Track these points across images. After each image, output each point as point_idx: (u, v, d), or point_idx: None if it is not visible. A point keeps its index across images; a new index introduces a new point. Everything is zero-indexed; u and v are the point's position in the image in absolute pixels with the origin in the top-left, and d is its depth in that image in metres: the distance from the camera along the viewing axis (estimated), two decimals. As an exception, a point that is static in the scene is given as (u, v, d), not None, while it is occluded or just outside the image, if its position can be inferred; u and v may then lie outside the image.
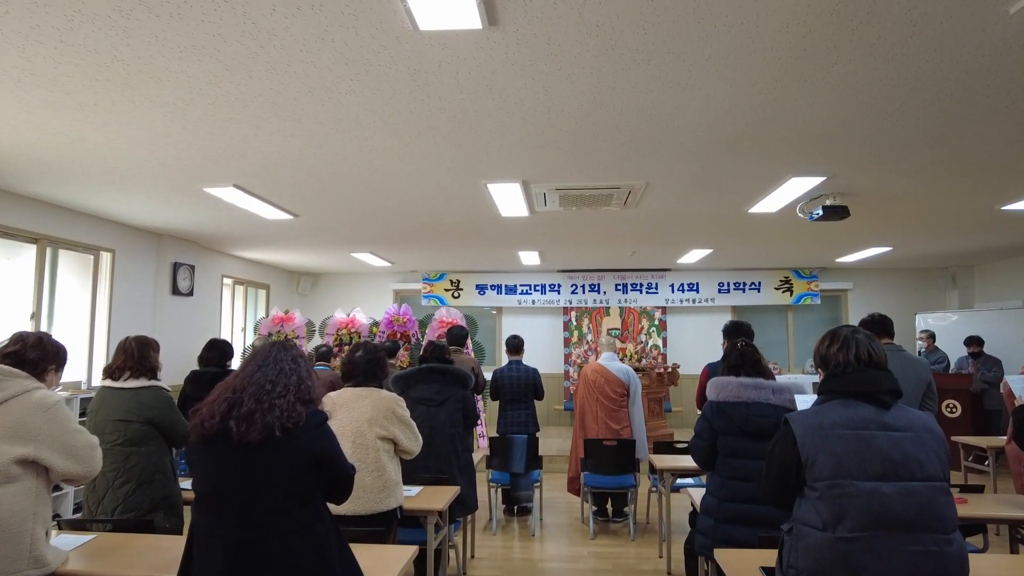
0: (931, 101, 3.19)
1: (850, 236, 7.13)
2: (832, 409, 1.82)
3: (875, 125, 3.53)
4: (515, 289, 10.13)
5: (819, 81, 2.94)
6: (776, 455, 1.89)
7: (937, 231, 6.83)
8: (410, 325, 7.70)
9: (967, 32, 2.51)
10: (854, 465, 1.72)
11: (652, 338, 10.03)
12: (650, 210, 5.64)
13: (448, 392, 3.83)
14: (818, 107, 3.26)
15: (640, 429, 5.00)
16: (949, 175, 4.57)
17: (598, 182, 4.67)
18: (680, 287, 10.00)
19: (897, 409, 1.79)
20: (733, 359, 3.03)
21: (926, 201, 5.40)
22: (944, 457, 1.76)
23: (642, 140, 3.76)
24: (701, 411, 3.02)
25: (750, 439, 2.80)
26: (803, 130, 3.60)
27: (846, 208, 5.01)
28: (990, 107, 3.27)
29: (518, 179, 4.56)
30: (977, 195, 5.20)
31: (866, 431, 1.75)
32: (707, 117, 3.39)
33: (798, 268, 9.85)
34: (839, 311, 10.22)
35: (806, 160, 4.17)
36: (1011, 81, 2.95)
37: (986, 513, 3.01)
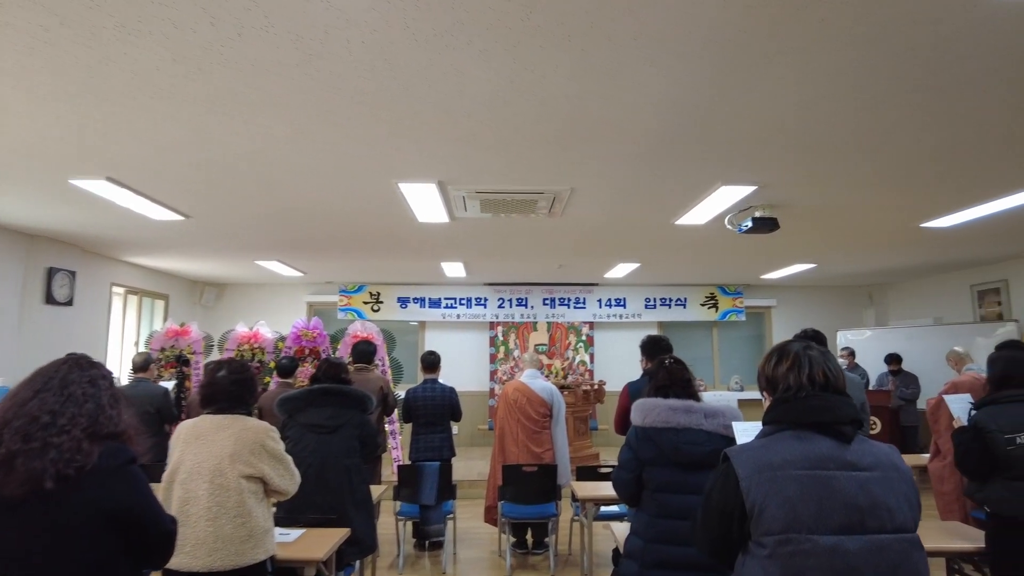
0: (870, 102, 2.99)
1: (776, 253, 7.08)
2: (783, 443, 1.48)
3: (812, 128, 3.32)
4: (439, 302, 9.66)
5: (760, 73, 2.68)
6: (714, 500, 1.53)
7: (859, 249, 6.85)
8: (320, 340, 7.10)
9: (919, 20, 2.29)
10: (811, 515, 1.38)
11: (579, 354, 9.77)
12: (577, 219, 5.34)
13: (343, 417, 3.34)
14: (757, 105, 3.01)
15: (563, 452, 4.64)
16: (877, 189, 4.48)
17: (521, 186, 4.31)
18: (608, 302, 9.81)
19: (859, 443, 1.47)
20: (660, 378, 2.70)
21: (852, 217, 5.33)
22: (915, 501, 1.45)
23: (567, 138, 3.42)
24: (625, 438, 2.66)
25: (681, 471, 2.47)
26: (739, 131, 3.36)
27: (775, 220, 4.86)
28: (930, 111, 3.11)
29: (433, 179, 4.14)
30: (900, 211, 5.17)
31: (825, 471, 1.42)
32: (637, 112, 3.09)
33: (723, 285, 9.84)
34: (763, 328, 10.27)
35: (738, 166, 3.95)
36: (959, 79, 2.78)
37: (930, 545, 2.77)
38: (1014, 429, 2.55)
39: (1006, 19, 2.28)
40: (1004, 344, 2.78)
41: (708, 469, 2.50)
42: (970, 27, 2.33)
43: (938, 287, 8.98)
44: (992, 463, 2.59)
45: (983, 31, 2.36)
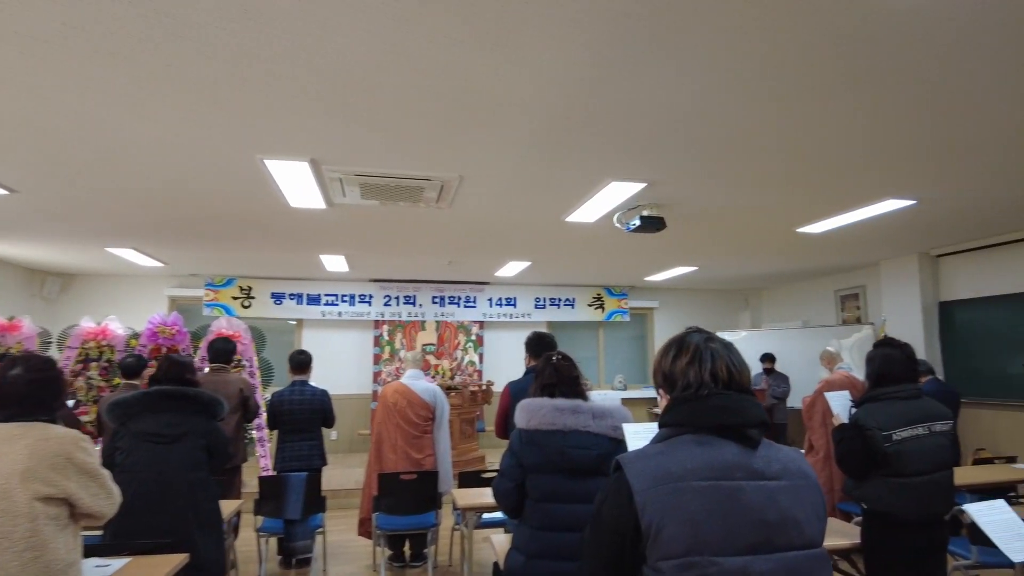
0: (762, 100, 2.94)
1: (661, 255, 7.18)
2: (684, 449, 1.27)
3: (703, 124, 3.25)
4: (318, 299, 9.08)
5: (656, 58, 2.53)
6: (605, 517, 1.30)
7: (739, 253, 7.08)
8: (180, 338, 6.39)
9: (817, 17, 2.21)
10: (716, 534, 1.18)
11: (468, 354, 9.53)
12: (467, 212, 5.08)
13: (186, 424, 2.88)
14: (651, 93, 2.88)
15: (445, 458, 4.36)
16: (761, 192, 4.55)
17: (406, 170, 3.99)
18: (498, 302, 9.64)
19: (766, 448, 1.30)
20: (547, 376, 2.48)
21: (735, 220, 5.44)
22: (823, 511, 1.29)
23: (455, 117, 3.15)
24: (508, 443, 2.43)
25: (568, 477, 2.26)
26: (635, 122, 3.23)
27: (662, 220, 4.84)
28: (819, 114, 3.11)
29: (305, 156, 3.73)
30: (780, 216, 5.32)
31: (731, 481, 1.23)
32: (528, 93, 2.87)
33: (610, 286, 9.96)
34: (646, 328, 10.51)
35: (629, 161, 3.85)
36: (857, 75, 2.77)
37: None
38: (891, 426, 2.56)
39: (901, 23, 2.26)
40: (880, 342, 2.81)
41: (597, 476, 2.32)
42: (865, 30, 2.30)
43: (806, 292, 9.53)
44: (871, 460, 2.59)
45: (880, 34, 2.34)
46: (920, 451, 2.56)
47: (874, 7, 2.22)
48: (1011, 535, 1.96)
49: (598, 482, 2.30)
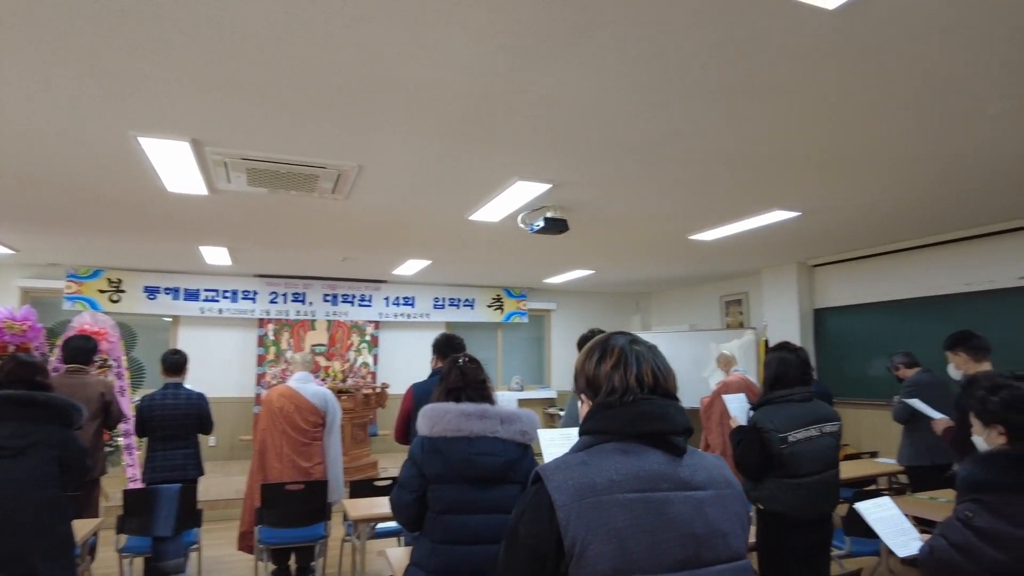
0: (672, 103, 2.96)
1: (561, 257, 7.23)
2: (608, 459, 1.18)
3: (608, 125, 3.23)
4: (197, 294, 8.41)
5: (566, 53, 2.46)
6: (523, 535, 1.19)
7: (634, 257, 7.25)
8: (32, 335, 5.65)
9: (715, 24, 2.23)
10: (644, 550, 1.10)
11: (362, 355, 9.18)
12: (365, 204, 4.83)
13: (35, 434, 2.49)
14: (571, 89, 2.82)
15: (337, 466, 4.10)
16: (660, 198, 4.64)
17: (299, 156, 3.71)
18: (395, 301, 9.35)
19: (691, 455, 1.24)
20: (453, 379, 2.36)
21: (633, 224, 5.53)
22: (747, 521, 1.25)
23: (357, 101, 2.94)
24: (408, 452, 2.27)
25: (473, 487, 2.14)
26: (546, 119, 3.16)
27: (565, 222, 4.84)
28: (715, 122, 3.18)
29: (186, 135, 3.37)
30: (675, 222, 5.47)
31: (658, 493, 1.15)
32: (436, 80, 2.72)
33: (509, 287, 9.95)
34: (543, 330, 10.59)
35: (538, 161, 3.79)
36: (755, 89, 2.83)
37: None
38: (787, 428, 2.64)
39: (789, 38, 2.33)
40: (777, 346, 2.90)
41: (504, 484, 2.21)
42: (759, 44, 2.35)
43: (693, 297, 9.96)
44: (767, 461, 2.65)
45: (771, 50, 2.40)
46: (812, 452, 2.66)
47: (769, 22, 2.26)
48: (896, 531, 2.05)
49: (505, 490, 2.20)
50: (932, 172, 4.10)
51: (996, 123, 3.28)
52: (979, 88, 2.87)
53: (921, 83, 2.81)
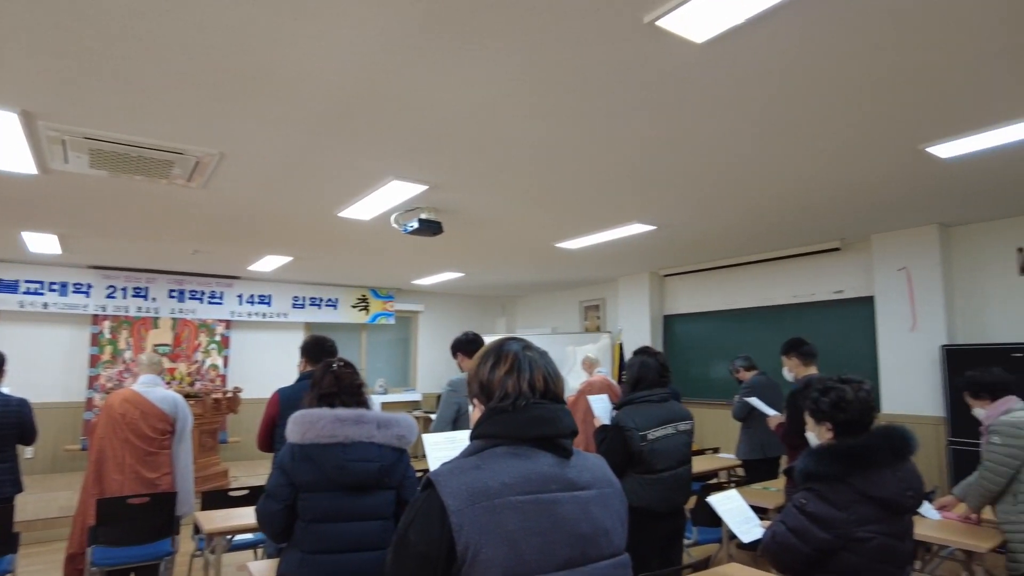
0: (548, 113, 3.07)
1: (433, 259, 7.20)
2: (500, 462, 1.21)
3: (488, 132, 3.29)
4: (16, 286, 7.41)
5: (451, 57, 2.48)
6: (413, 541, 1.17)
7: (504, 262, 7.40)
8: None
9: (601, 33, 2.35)
10: (535, 552, 1.13)
11: (211, 357, 8.56)
12: (223, 195, 4.52)
13: None
14: (452, 92, 2.83)
15: (187, 476, 3.79)
16: (532, 206, 4.78)
17: (153, 138, 3.40)
18: (249, 299, 8.81)
19: (577, 457, 1.30)
20: (326, 385, 2.28)
21: (505, 229, 5.65)
22: (626, 518, 1.33)
23: (224, 83, 2.76)
24: (275, 460, 2.17)
25: (347, 494, 2.09)
26: (426, 120, 3.14)
27: (440, 224, 4.84)
28: (592, 136, 3.34)
29: (15, 106, 2.98)
30: (544, 230, 5.66)
31: (547, 494, 1.19)
32: (321, 70, 2.62)
33: (376, 288, 9.74)
34: (409, 332, 10.48)
35: (414, 161, 3.76)
36: (615, 110, 3.00)
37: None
38: (646, 427, 2.82)
39: (668, 60, 2.51)
40: (639, 350, 3.10)
41: (380, 490, 2.17)
42: (634, 64, 2.52)
43: (555, 301, 10.34)
44: (628, 458, 2.82)
45: (645, 69, 2.57)
46: (668, 449, 2.87)
47: (641, 50, 2.43)
48: (742, 519, 2.27)
49: (380, 497, 2.17)
50: (768, 197, 4.58)
51: (823, 158, 3.74)
52: (811, 127, 3.26)
53: (765, 117, 3.13)
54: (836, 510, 1.79)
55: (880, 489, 1.79)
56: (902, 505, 1.81)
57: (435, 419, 3.73)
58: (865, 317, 6.05)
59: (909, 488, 1.83)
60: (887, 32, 2.36)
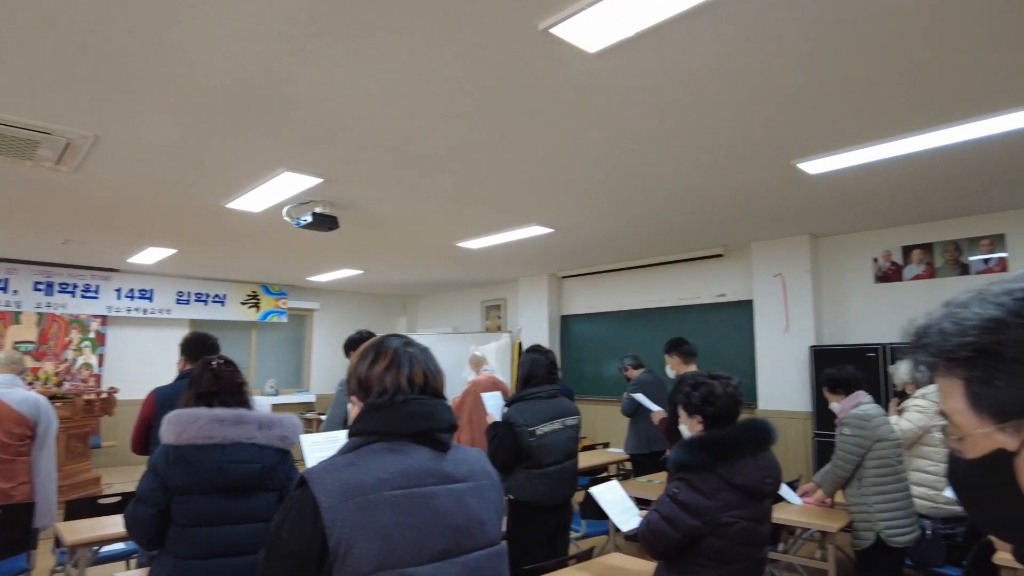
0: (444, 113, 3.08)
1: (328, 255, 7.02)
2: (375, 458, 1.21)
3: (388, 127, 3.26)
4: None
5: (348, 48, 2.44)
6: (285, 540, 1.16)
7: (405, 260, 7.32)
8: None
9: (497, 37, 2.39)
10: (409, 545, 1.15)
11: (83, 355, 7.92)
12: (98, 181, 4.20)
13: None
14: (348, 86, 2.78)
15: (48, 486, 3.48)
16: (432, 204, 4.77)
17: (17, 115, 3.12)
18: (129, 293, 8.23)
19: (455, 450, 1.32)
20: (205, 383, 2.18)
21: (404, 228, 5.60)
22: (502, 509, 1.37)
23: (105, 60, 2.57)
24: (148, 463, 2.05)
25: (226, 497, 2.01)
26: (321, 113, 3.07)
27: (335, 219, 4.73)
28: (489, 136, 3.38)
29: None
30: (445, 229, 5.66)
31: (423, 488, 1.21)
32: (203, 53, 2.50)
33: (268, 284, 9.36)
34: (304, 331, 10.15)
35: (307, 153, 3.66)
36: (522, 111, 3.06)
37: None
38: (535, 423, 2.90)
39: (562, 68, 2.59)
40: (530, 348, 3.18)
41: (259, 492, 2.11)
42: (528, 69, 2.58)
43: (457, 301, 10.35)
44: (518, 454, 2.88)
45: (539, 75, 2.64)
46: (555, 444, 2.96)
47: (535, 56, 2.50)
48: (621, 510, 2.38)
49: (261, 499, 2.11)
50: (656, 204, 4.82)
51: (705, 170, 3.98)
52: (694, 140, 3.46)
53: (652, 128, 3.30)
54: (704, 498, 1.92)
55: (742, 477, 1.93)
56: (761, 491, 1.97)
57: (325, 419, 3.64)
58: (745, 319, 6.48)
59: (768, 476, 1.99)
60: (762, 56, 2.55)
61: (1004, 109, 3.09)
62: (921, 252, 5.61)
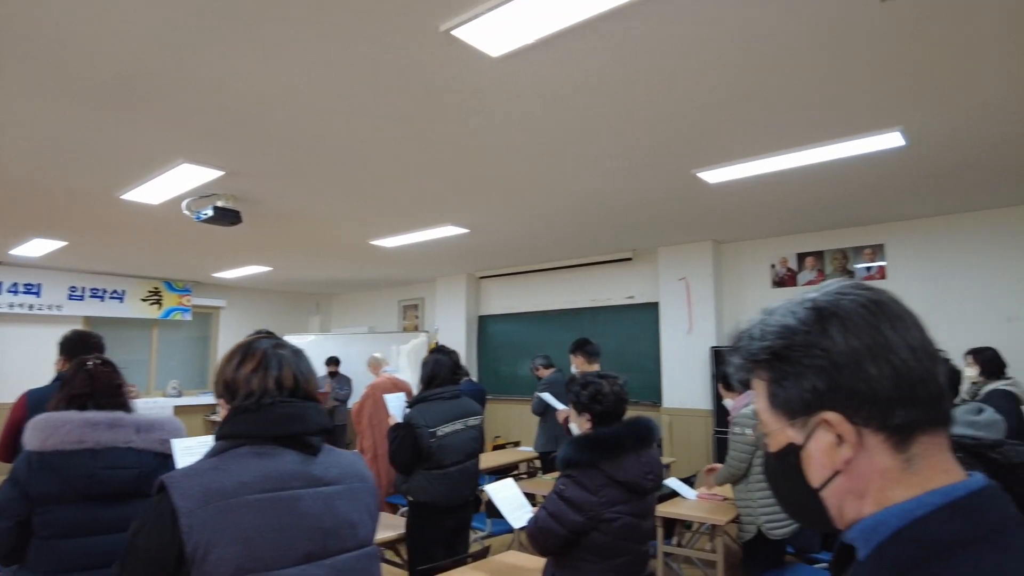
0: (347, 108, 3.03)
1: (235, 250, 6.75)
2: (240, 462, 1.19)
3: (296, 123, 3.18)
4: None
5: (249, 36, 2.37)
6: (142, 547, 1.13)
7: (315, 257, 7.14)
8: None
9: (399, 36, 2.38)
10: (270, 548, 1.13)
11: (-43, 354, 7.28)
12: (-31, 167, 3.88)
13: None
14: (250, 77, 2.70)
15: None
16: (343, 200, 4.68)
17: None
18: (12, 288, 7.62)
19: (326, 453, 1.31)
20: (78, 384, 2.06)
21: (314, 224, 5.46)
22: (376, 511, 1.37)
23: (-42, 38, 2.38)
24: (11, 471, 1.92)
25: (97, 505, 1.90)
26: (221, 103, 2.96)
27: (238, 213, 4.56)
28: (404, 133, 3.35)
29: None
30: (357, 226, 5.56)
31: (289, 491, 1.20)
32: (91, 36, 2.36)
33: (171, 280, 8.90)
34: (209, 329, 9.71)
35: (207, 144, 3.52)
36: (433, 107, 3.05)
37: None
38: (436, 423, 2.90)
39: (465, 71, 2.60)
40: (434, 349, 3.18)
41: (138, 499, 2.01)
42: (431, 70, 2.58)
43: (374, 300, 10.19)
44: (418, 455, 2.87)
45: (443, 76, 2.65)
46: (456, 444, 2.97)
47: (437, 57, 2.51)
48: (515, 506, 2.41)
49: (139, 506, 1.99)
50: (566, 209, 4.92)
51: (611, 176, 4.10)
52: (600, 147, 3.56)
53: (559, 134, 3.36)
54: (589, 494, 1.98)
55: (625, 473, 2.01)
56: (643, 487, 2.05)
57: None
58: (651, 320, 6.71)
59: (650, 472, 2.07)
60: (662, 67, 2.66)
61: (880, 130, 3.34)
62: (813, 259, 5.98)
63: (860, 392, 0.62)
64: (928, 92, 2.90)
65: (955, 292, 5.19)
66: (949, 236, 5.28)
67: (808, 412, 0.65)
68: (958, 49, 2.51)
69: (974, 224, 5.17)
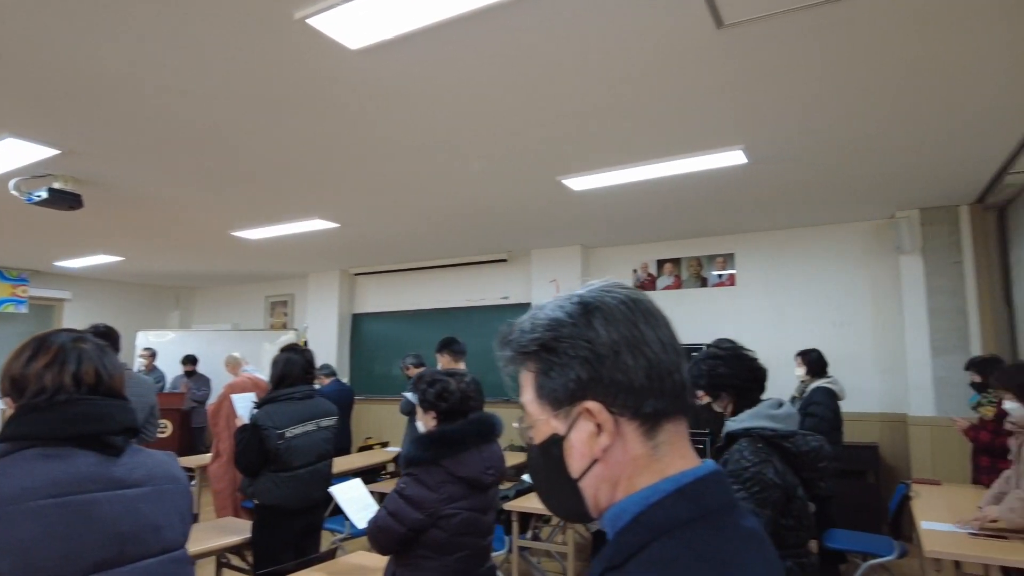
0: (204, 93, 2.87)
1: (77, 237, 6.16)
2: (24, 466, 1.09)
3: (143, 100, 2.96)
4: None
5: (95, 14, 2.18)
6: None
7: (172, 247, 6.67)
8: None
9: (252, 21, 2.29)
10: (54, 557, 1.05)
11: None
12: None
13: None
14: (87, 44, 2.46)
15: None
16: (199, 187, 4.42)
17: None
18: None
19: (131, 454, 1.23)
20: None
21: (168, 212, 5.11)
22: (188, 513, 1.30)
23: None
24: None
25: None
26: (53, 74, 2.69)
27: (79, 197, 4.18)
28: (266, 121, 3.21)
29: None
30: (216, 216, 5.26)
31: (83, 495, 1.11)
32: None
33: (3, 268, 7.98)
34: (52, 323, 8.78)
35: (37, 118, 3.20)
36: (289, 97, 2.94)
37: (200, 547, 2.73)
38: (285, 424, 2.80)
39: (325, 63, 2.54)
40: (285, 347, 3.06)
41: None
42: (291, 60, 2.51)
43: (239, 295, 9.67)
44: (265, 458, 2.77)
45: (303, 67, 2.57)
46: (306, 446, 2.88)
47: (295, 48, 2.44)
48: (359, 507, 2.38)
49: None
50: (437, 209, 4.94)
51: (479, 178, 4.15)
52: (465, 149, 3.60)
53: (423, 132, 3.37)
54: (429, 491, 2.00)
55: (466, 469, 2.04)
56: (483, 482, 2.09)
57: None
58: (524, 321, 6.85)
59: (491, 467, 2.12)
60: (522, 76, 2.73)
61: (724, 147, 3.62)
62: (671, 265, 6.37)
63: (618, 382, 0.66)
64: (765, 114, 3.18)
65: (793, 299, 5.73)
66: (790, 248, 5.82)
67: (572, 402, 0.68)
68: (791, 75, 2.76)
69: (812, 238, 5.74)
